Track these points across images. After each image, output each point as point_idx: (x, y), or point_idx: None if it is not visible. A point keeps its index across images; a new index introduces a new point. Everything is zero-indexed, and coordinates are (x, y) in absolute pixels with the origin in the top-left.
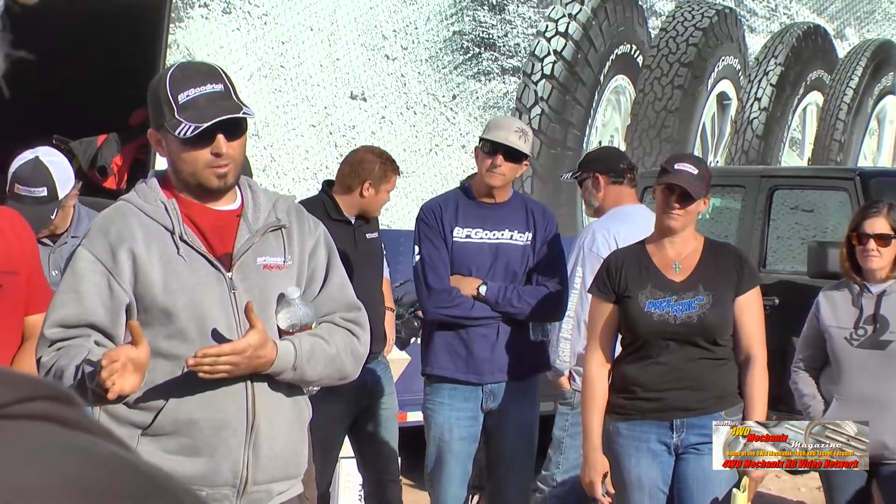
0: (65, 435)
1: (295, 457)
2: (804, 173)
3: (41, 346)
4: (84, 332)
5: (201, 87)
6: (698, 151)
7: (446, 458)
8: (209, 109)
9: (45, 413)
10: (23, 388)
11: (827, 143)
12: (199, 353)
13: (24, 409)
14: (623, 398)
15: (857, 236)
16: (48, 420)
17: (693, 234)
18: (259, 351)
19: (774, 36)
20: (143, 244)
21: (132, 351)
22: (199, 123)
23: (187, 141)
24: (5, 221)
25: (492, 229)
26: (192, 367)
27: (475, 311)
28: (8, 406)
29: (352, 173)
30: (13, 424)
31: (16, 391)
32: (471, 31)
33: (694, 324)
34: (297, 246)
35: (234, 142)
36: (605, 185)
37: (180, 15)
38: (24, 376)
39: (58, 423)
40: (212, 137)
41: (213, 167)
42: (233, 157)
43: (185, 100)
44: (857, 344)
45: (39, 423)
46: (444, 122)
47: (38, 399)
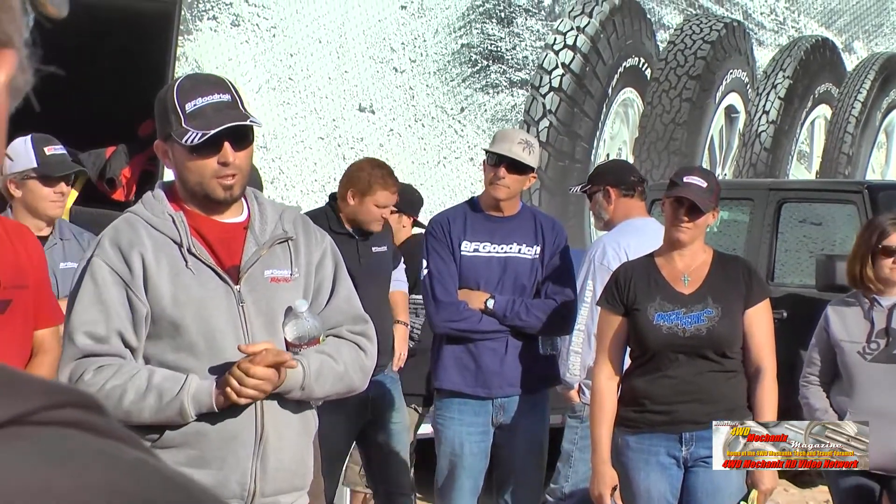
0: (93, 441)
1: (302, 469)
2: (812, 186)
3: (69, 353)
4: (116, 349)
5: (208, 96)
6: (706, 164)
7: (457, 473)
8: (216, 118)
9: (75, 420)
10: (53, 395)
11: (835, 156)
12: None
13: (53, 416)
14: (632, 411)
15: (885, 250)
16: (77, 427)
17: (702, 246)
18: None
19: (783, 49)
20: (152, 255)
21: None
22: (206, 131)
23: (194, 149)
24: (15, 236)
25: (500, 243)
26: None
27: (483, 325)
28: (38, 412)
29: (343, 182)
30: (43, 430)
31: (46, 398)
32: (479, 43)
33: (703, 336)
34: (304, 258)
35: (240, 151)
36: (616, 198)
37: (189, 27)
38: (54, 383)
39: (87, 429)
40: (218, 146)
41: (220, 177)
42: (239, 167)
43: (193, 108)
44: (870, 358)
45: (69, 430)
46: (453, 134)
47: (68, 406)
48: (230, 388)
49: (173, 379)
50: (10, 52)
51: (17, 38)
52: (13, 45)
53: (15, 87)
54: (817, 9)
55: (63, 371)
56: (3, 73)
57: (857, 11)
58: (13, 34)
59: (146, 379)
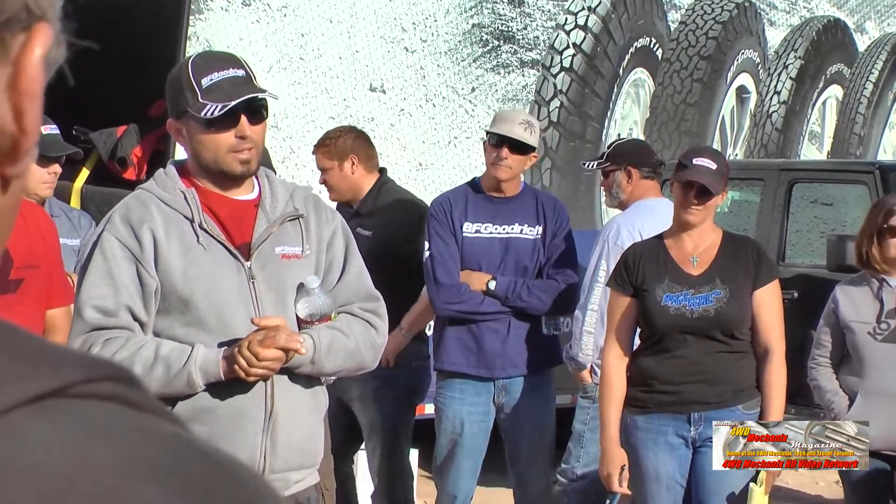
0: (131, 415)
1: (311, 446)
2: (824, 167)
3: (77, 328)
4: (124, 322)
5: (224, 71)
6: (717, 145)
7: (456, 452)
8: (234, 91)
9: (112, 393)
10: (91, 368)
11: (846, 137)
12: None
13: (91, 389)
14: (641, 391)
15: (891, 230)
16: (115, 400)
17: (711, 226)
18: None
19: (794, 29)
20: (163, 231)
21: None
22: (225, 102)
23: (211, 123)
24: (28, 216)
25: (501, 223)
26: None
27: (485, 307)
28: (76, 385)
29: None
30: (82, 403)
31: (84, 371)
32: (490, 23)
33: (711, 317)
34: (315, 236)
35: (256, 126)
36: (637, 179)
37: (200, 7)
38: (92, 357)
39: (124, 403)
40: (235, 119)
41: (237, 151)
42: (255, 141)
43: (209, 83)
44: (881, 338)
45: (107, 403)
46: (463, 114)
47: (106, 380)
48: (238, 367)
49: (180, 350)
50: (45, 25)
51: (52, 11)
52: (48, 19)
53: (50, 60)
54: None
55: (72, 345)
56: (40, 46)
57: None
58: (47, 7)
59: (153, 351)
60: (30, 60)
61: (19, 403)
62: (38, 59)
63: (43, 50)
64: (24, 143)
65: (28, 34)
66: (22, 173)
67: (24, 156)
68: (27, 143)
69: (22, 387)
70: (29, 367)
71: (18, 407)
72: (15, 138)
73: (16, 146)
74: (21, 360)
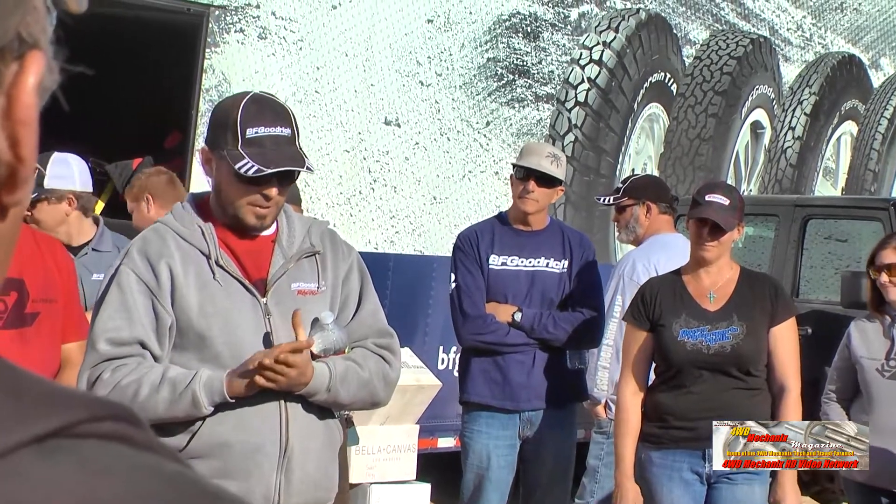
0: (134, 454)
1: (326, 480)
2: (838, 203)
3: (90, 360)
4: (136, 351)
5: (271, 127)
6: (731, 180)
7: (484, 486)
8: (273, 153)
9: (115, 433)
10: (93, 408)
11: (861, 173)
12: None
13: (93, 429)
14: (656, 427)
15: (876, 268)
16: (117, 440)
17: (728, 263)
18: (306, 368)
19: (809, 65)
20: (180, 266)
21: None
22: (262, 167)
23: (240, 176)
24: (46, 249)
25: (528, 257)
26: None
27: (511, 338)
28: (78, 425)
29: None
30: (84, 443)
31: (86, 411)
32: (505, 57)
33: (727, 353)
34: (331, 272)
35: (284, 188)
36: (656, 214)
37: (216, 40)
38: (94, 397)
39: (127, 442)
40: (265, 180)
41: (256, 205)
42: (278, 201)
43: (253, 135)
44: (888, 375)
45: (109, 443)
46: (478, 148)
47: (108, 419)
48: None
49: (186, 373)
50: (38, 53)
51: (44, 39)
52: (40, 46)
53: (43, 87)
54: (844, 25)
55: (82, 376)
56: (33, 75)
57: (884, 28)
58: (39, 35)
59: (161, 373)
60: (24, 89)
61: (21, 444)
62: (32, 88)
63: (36, 78)
64: (21, 171)
65: (21, 63)
66: (21, 201)
67: (22, 184)
68: (25, 172)
69: (24, 428)
70: (31, 408)
71: (20, 448)
72: (12, 167)
73: (13, 175)
74: (24, 402)
